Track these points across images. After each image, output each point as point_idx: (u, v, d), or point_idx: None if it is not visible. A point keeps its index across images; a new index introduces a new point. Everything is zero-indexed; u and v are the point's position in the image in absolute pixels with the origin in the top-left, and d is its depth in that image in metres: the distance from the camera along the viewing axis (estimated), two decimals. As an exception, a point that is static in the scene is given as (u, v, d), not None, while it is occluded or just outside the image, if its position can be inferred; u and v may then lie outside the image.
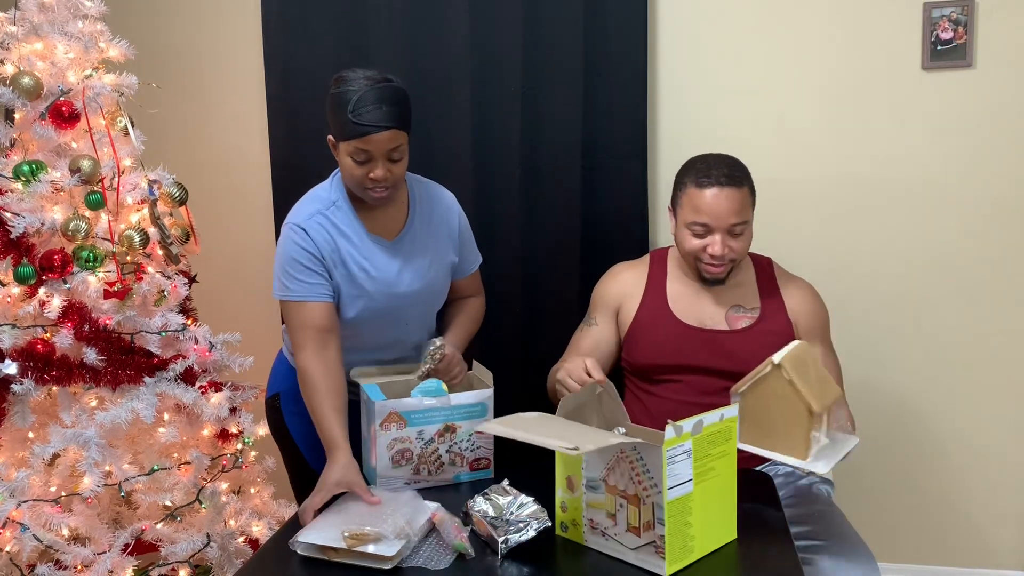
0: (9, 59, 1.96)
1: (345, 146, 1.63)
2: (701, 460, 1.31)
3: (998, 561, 2.46)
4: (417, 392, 1.64)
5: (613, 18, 2.35)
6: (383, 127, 1.59)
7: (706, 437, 1.31)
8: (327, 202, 1.74)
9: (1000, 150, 2.30)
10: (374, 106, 1.58)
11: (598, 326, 1.97)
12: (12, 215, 1.86)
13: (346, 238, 1.73)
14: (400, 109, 1.62)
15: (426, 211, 1.83)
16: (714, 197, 1.76)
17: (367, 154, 1.62)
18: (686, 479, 1.29)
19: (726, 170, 1.78)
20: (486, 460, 1.69)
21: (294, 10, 2.47)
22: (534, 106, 2.40)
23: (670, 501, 1.26)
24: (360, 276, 1.73)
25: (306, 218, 1.72)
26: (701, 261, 1.82)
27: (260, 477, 2.18)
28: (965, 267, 2.36)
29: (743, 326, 1.85)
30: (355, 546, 1.32)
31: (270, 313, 2.65)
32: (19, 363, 1.83)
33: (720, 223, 1.77)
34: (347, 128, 1.60)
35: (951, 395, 2.42)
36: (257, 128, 2.64)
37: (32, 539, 1.76)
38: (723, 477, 1.36)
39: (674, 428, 1.26)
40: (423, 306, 1.86)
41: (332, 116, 1.64)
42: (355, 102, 1.58)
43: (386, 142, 1.61)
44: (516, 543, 1.34)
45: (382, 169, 1.63)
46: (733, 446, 1.37)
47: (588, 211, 2.42)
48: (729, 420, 1.36)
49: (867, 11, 2.31)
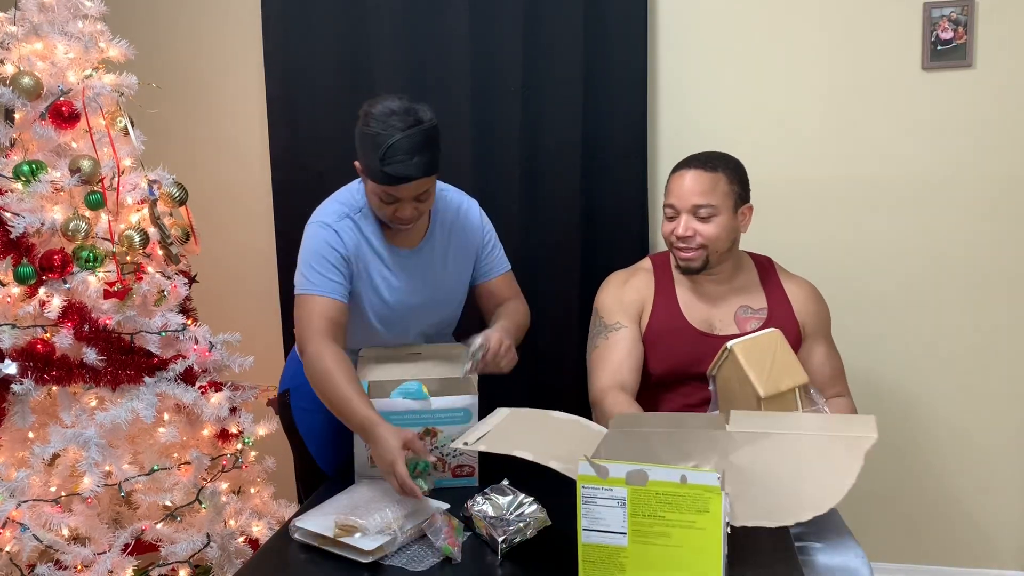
0: (9, 59, 1.96)
1: (373, 185, 1.62)
2: (648, 518, 1.12)
3: (998, 561, 2.46)
4: (397, 393, 1.62)
5: (613, 18, 2.35)
6: (413, 178, 1.57)
7: (655, 496, 1.10)
8: (355, 207, 1.73)
9: (1000, 150, 2.30)
10: (406, 156, 1.55)
11: (628, 328, 1.85)
12: (12, 215, 1.86)
13: (371, 247, 1.73)
14: (431, 156, 1.59)
15: (447, 225, 1.82)
16: (681, 177, 1.79)
17: (395, 198, 1.61)
18: (616, 530, 1.12)
19: (704, 157, 1.80)
20: (470, 468, 1.66)
21: (294, 10, 2.48)
22: (534, 106, 2.40)
23: (586, 544, 1.13)
24: (381, 286, 1.74)
25: (337, 219, 1.70)
26: (674, 247, 1.83)
27: (260, 477, 2.18)
28: (965, 267, 2.36)
29: (753, 327, 1.84)
30: (341, 536, 1.35)
31: (270, 313, 2.66)
32: (19, 363, 1.83)
33: (683, 203, 1.78)
34: (376, 174, 1.58)
35: (951, 395, 2.42)
36: (257, 128, 2.64)
37: (32, 539, 1.76)
38: (692, 552, 1.10)
39: (592, 466, 1.09)
40: (440, 312, 1.86)
41: (362, 153, 1.61)
42: (387, 149, 1.54)
43: (414, 189, 1.60)
44: (516, 543, 1.34)
45: (409, 209, 1.63)
46: (712, 522, 1.09)
47: (588, 211, 2.42)
48: (703, 488, 1.07)
49: (867, 11, 2.31)
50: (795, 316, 1.87)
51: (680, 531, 1.10)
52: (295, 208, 2.52)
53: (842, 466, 1.29)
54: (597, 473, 1.09)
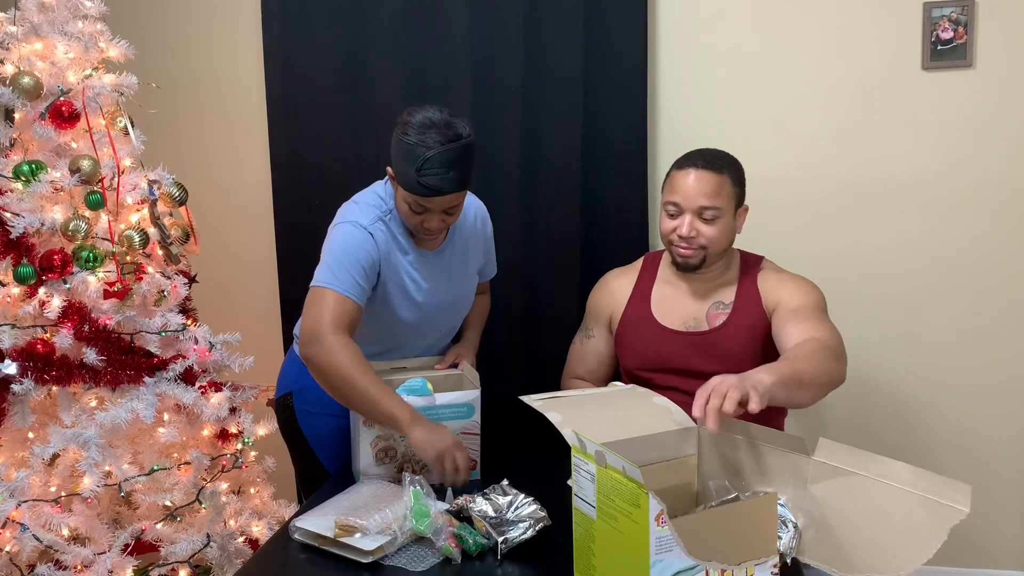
0: (9, 59, 1.96)
1: (405, 194, 1.64)
2: (606, 498, 1.13)
3: (998, 561, 2.46)
4: (402, 390, 1.63)
5: (613, 18, 2.35)
6: (447, 192, 1.60)
7: (610, 479, 1.13)
8: (385, 209, 1.74)
9: (1000, 150, 2.30)
10: (442, 170, 1.57)
11: (595, 338, 2.00)
12: (12, 215, 1.86)
13: (401, 249, 1.74)
14: (466, 171, 1.61)
15: (466, 229, 1.87)
16: (686, 176, 1.78)
17: (424, 208, 1.63)
18: (590, 503, 1.16)
19: (708, 156, 1.80)
20: (472, 462, 1.67)
21: (294, 10, 2.48)
22: (534, 106, 2.40)
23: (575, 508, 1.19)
24: (411, 287, 1.76)
25: (371, 222, 1.71)
26: (672, 244, 1.83)
27: (260, 477, 2.18)
28: (965, 267, 2.36)
29: (720, 323, 1.84)
30: (342, 536, 1.35)
31: (270, 313, 2.66)
32: (19, 363, 1.83)
33: (689, 203, 1.77)
34: (411, 184, 1.60)
35: (951, 395, 2.42)
36: (257, 128, 2.64)
37: (32, 539, 1.76)
38: (630, 542, 1.10)
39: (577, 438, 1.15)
40: (459, 311, 1.91)
41: (397, 161, 1.62)
42: (424, 161, 1.56)
43: (446, 202, 1.63)
44: (516, 543, 1.35)
45: (437, 221, 1.66)
46: (642, 519, 1.08)
47: (588, 211, 2.43)
48: (636, 484, 1.08)
49: (867, 11, 2.31)
50: (762, 306, 1.83)
51: (623, 519, 1.12)
52: (295, 208, 2.52)
53: (924, 533, 1.19)
54: (579, 444, 1.15)
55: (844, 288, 2.40)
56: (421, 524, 1.36)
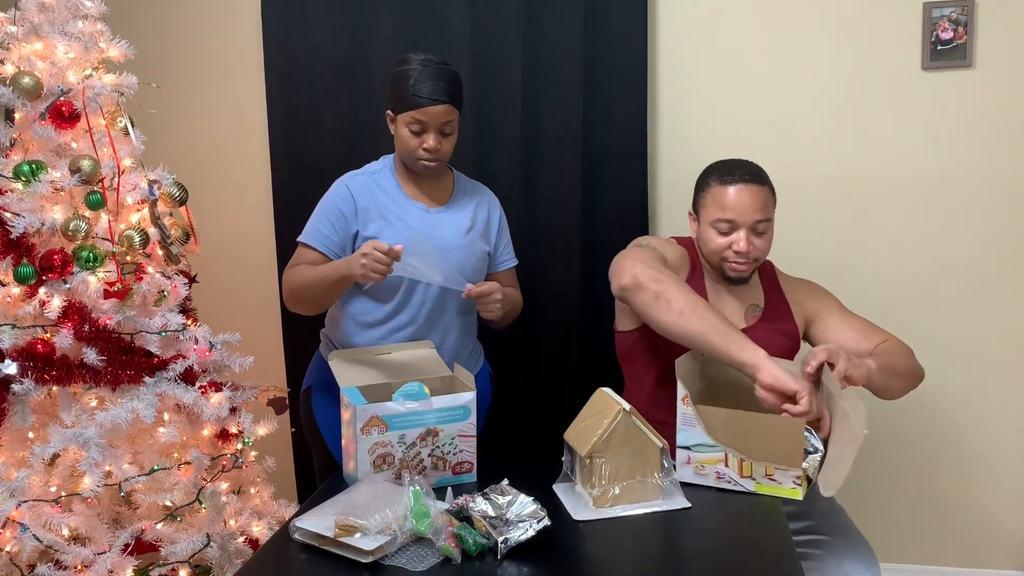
0: (9, 59, 1.96)
1: (403, 117, 1.82)
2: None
3: (998, 561, 2.46)
4: (399, 395, 1.63)
5: (613, 18, 2.35)
6: (439, 101, 1.79)
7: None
8: (373, 171, 1.95)
9: (1000, 150, 2.30)
10: (432, 83, 1.79)
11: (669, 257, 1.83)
12: (12, 215, 1.86)
13: (387, 195, 1.91)
14: (454, 88, 1.82)
15: (468, 194, 2.01)
16: (739, 192, 1.77)
17: (423, 125, 1.81)
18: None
19: (750, 169, 1.80)
20: (468, 464, 1.68)
21: (294, 10, 2.48)
22: (534, 106, 2.40)
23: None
24: (399, 225, 1.88)
25: (351, 176, 1.93)
26: (727, 260, 1.81)
27: (260, 477, 2.17)
28: (965, 267, 2.36)
29: (751, 324, 1.86)
30: (342, 536, 1.35)
31: (270, 313, 2.66)
32: (19, 363, 1.83)
33: (745, 218, 1.77)
34: (407, 100, 1.79)
35: (952, 395, 2.42)
36: (257, 128, 2.64)
37: (32, 539, 1.76)
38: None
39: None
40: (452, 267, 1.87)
41: (393, 91, 1.83)
42: (416, 78, 1.79)
43: (441, 115, 1.81)
44: (516, 543, 1.34)
45: (434, 140, 1.82)
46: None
47: (588, 211, 2.43)
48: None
49: (867, 11, 2.31)
50: (790, 310, 1.89)
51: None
52: (295, 208, 2.52)
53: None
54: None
55: (843, 287, 2.38)
56: (421, 524, 1.36)
